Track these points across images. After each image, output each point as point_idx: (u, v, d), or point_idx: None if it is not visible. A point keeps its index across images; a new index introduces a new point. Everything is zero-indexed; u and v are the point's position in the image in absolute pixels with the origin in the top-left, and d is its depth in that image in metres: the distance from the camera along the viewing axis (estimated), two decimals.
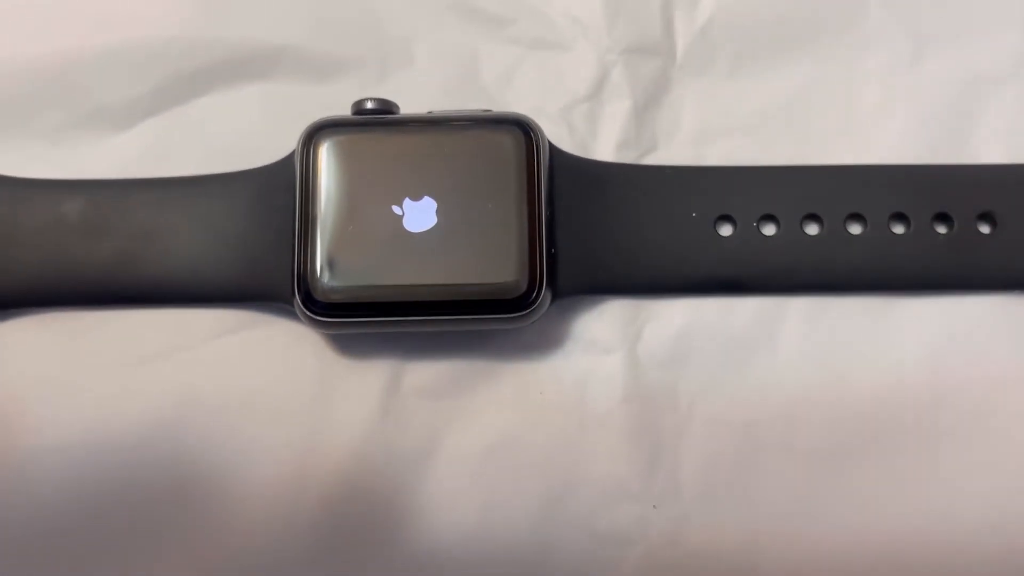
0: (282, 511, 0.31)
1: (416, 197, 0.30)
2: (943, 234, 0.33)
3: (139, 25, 0.35)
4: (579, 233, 0.32)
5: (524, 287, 0.30)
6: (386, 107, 0.31)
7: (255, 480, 0.31)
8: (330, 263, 0.30)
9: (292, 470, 0.31)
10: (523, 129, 0.31)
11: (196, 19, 0.35)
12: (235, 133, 0.34)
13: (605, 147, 0.34)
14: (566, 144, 0.34)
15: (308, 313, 0.30)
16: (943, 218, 0.33)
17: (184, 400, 0.32)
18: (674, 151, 0.35)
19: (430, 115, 0.31)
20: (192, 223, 0.32)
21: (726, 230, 0.33)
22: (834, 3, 0.36)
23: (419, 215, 0.30)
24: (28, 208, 0.32)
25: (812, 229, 0.33)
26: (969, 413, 0.32)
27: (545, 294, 0.30)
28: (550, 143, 0.32)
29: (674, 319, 0.33)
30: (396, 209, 0.30)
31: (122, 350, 0.32)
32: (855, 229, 0.33)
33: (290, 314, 0.32)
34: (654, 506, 0.31)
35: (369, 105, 0.31)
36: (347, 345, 0.32)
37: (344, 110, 0.32)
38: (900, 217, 0.33)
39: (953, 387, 0.32)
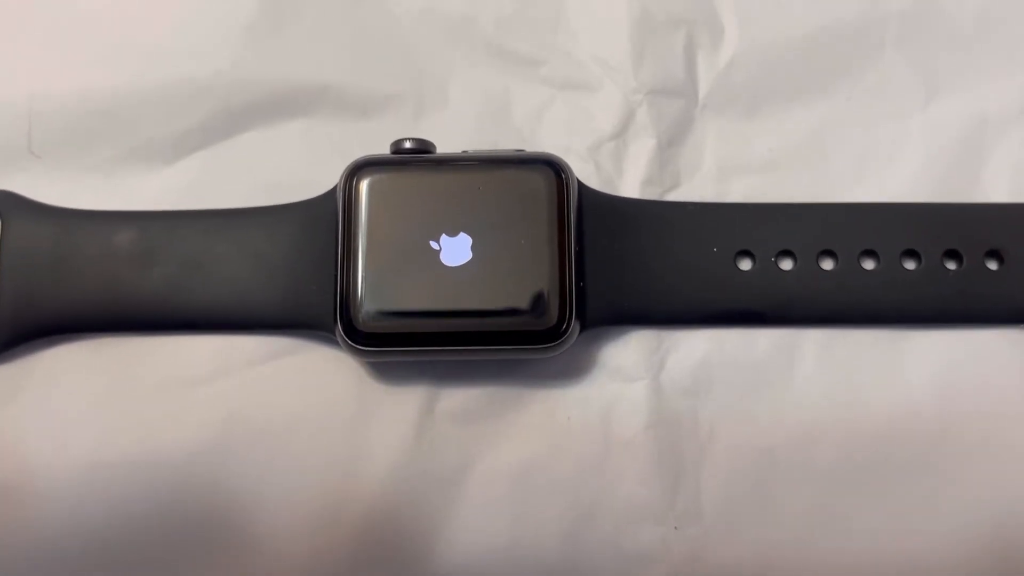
0: (321, 528, 0.32)
1: (452, 233, 0.31)
2: (952, 270, 0.33)
3: (187, 62, 0.36)
4: (606, 267, 0.33)
5: (554, 319, 0.31)
6: (424, 146, 0.32)
7: (296, 499, 0.32)
8: (371, 294, 0.31)
9: (331, 489, 0.32)
10: (554, 168, 0.32)
11: (242, 57, 0.36)
12: (278, 167, 0.35)
13: (631, 184, 0.35)
14: (593, 181, 0.35)
15: (349, 342, 0.31)
16: (953, 255, 0.34)
17: (228, 423, 0.33)
18: (696, 188, 0.35)
19: (465, 154, 0.32)
20: (238, 253, 0.33)
21: (746, 264, 0.33)
22: (850, 46, 0.36)
23: (455, 250, 0.31)
24: (81, 238, 0.33)
25: (827, 264, 0.33)
26: (976, 441, 0.33)
27: (574, 326, 0.31)
28: (579, 181, 0.33)
29: (696, 349, 0.34)
30: (433, 244, 0.31)
31: (169, 375, 0.33)
32: (868, 264, 0.33)
33: (329, 341, 0.33)
34: (675, 527, 0.32)
35: (408, 144, 0.32)
36: (384, 372, 0.33)
37: (382, 147, 0.33)
38: (911, 253, 0.33)
39: (960, 416, 0.33)
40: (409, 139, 0.32)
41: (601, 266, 0.33)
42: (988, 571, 0.32)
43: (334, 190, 0.33)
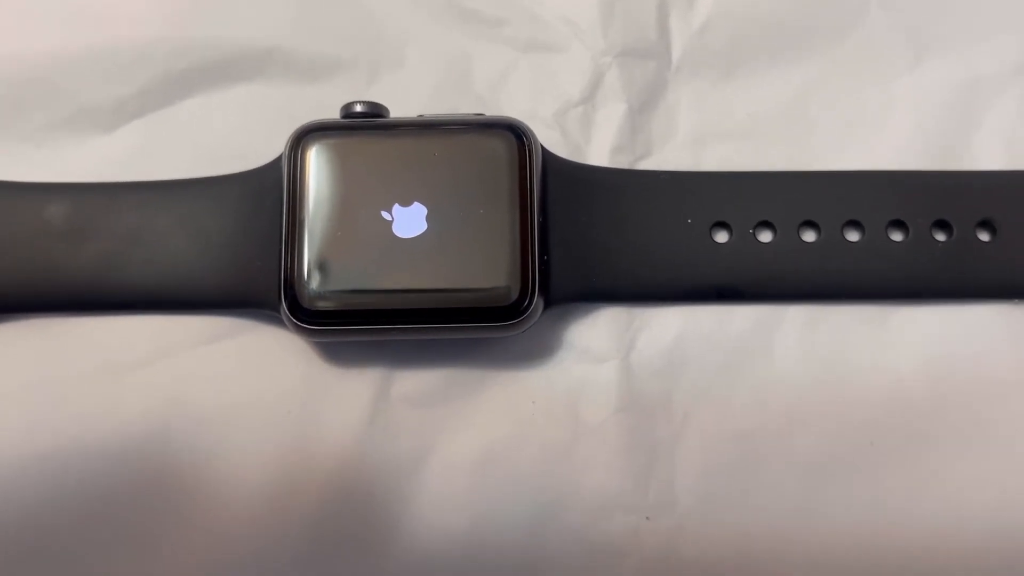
0: (269, 520, 0.31)
1: (406, 202, 0.30)
2: (942, 242, 0.32)
3: (125, 25, 0.35)
4: (572, 239, 0.32)
5: (516, 295, 0.30)
6: (376, 110, 0.31)
7: (242, 489, 0.31)
8: (317, 269, 0.29)
9: (279, 479, 0.31)
10: (515, 133, 0.31)
11: (183, 19, 0.35)
12: (222, 135, 0.34)
13: (599, 151, 0.34)
14: (560, 148, 0.34)
15: (294, 321, 0.30)
16: (942, 225, 0.33)
17: (169, 408, 0.32)
18: (669, 156, 0.35)
19: (421, 119, 0.31)
20: (178, 227, 0.32)
21: (722, 237, 0.32)
22: (833, 6, 0.36)
23: (409, 221, 0.30)
24: (10, 211, 0.32)
25: (809, 236, 0.33)
26: (967, 422, 0.32)
27: (537, 302, 0.30)
28: (543, 147, 0.32)
29: (669, 327, 0.33)
30: (385, 214, 0.30)
31: (106, 357, 0.32)
32: (853, 236, 0.32)
33: (276, 321, 0.31)
34: (647, 517, 0.31)
35: (358, 108, 0.31)
36: (335, 353, 0.32)
37: (333, 112, 0.32)
38: (898, 224, 0.33)
39: (951, 396, 0.32)
40: (360, 102, 0.31)
41: (567, 239, 0.32)
42: (980, 553, 0.31)
43: (279, 159, 0.31)
